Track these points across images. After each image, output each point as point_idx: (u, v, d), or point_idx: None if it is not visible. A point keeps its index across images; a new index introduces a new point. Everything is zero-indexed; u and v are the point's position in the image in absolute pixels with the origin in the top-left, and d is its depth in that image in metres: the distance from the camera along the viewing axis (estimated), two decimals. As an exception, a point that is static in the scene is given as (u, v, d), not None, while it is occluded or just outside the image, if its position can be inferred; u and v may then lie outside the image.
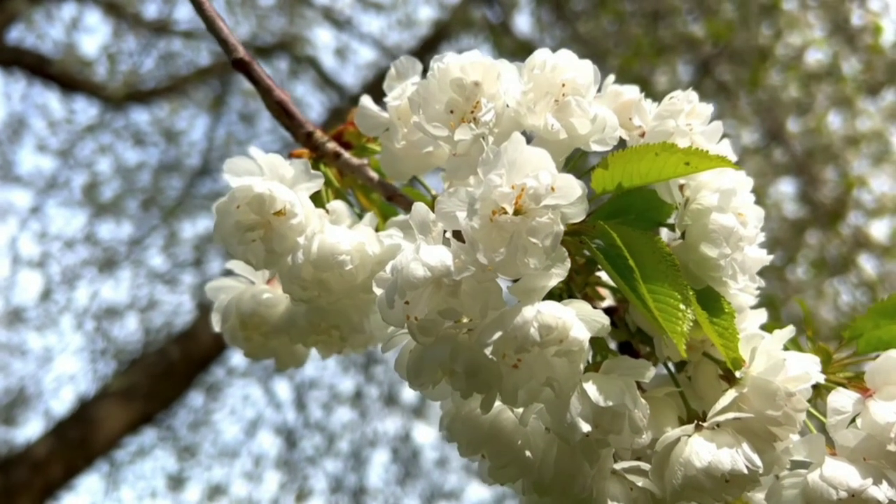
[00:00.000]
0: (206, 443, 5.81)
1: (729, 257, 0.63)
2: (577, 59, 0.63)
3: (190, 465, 5.70)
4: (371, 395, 5.87)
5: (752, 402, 0.61)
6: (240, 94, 6.07)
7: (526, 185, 0.54)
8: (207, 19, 0.77)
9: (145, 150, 5.89)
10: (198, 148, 5.95)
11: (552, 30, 5.13)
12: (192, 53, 5.70)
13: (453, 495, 5.78)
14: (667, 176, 0.61)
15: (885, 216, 4.84)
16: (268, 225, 0.64)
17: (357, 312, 0.70)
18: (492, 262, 0.53)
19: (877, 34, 4.50)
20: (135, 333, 5.70)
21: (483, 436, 0.61)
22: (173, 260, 5.89)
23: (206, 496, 5.61)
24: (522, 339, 0.54)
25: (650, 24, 4.62)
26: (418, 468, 5.81)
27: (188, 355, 4.86)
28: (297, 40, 5.86)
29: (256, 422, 5.85)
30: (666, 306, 0.57)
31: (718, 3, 4.54)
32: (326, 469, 5.74)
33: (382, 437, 5.87)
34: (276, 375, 5.83)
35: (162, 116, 5.92)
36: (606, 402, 0.56)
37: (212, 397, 5.80)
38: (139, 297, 5.77)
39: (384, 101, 0.70)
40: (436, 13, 6.01)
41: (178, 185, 5.94)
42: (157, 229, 5.86)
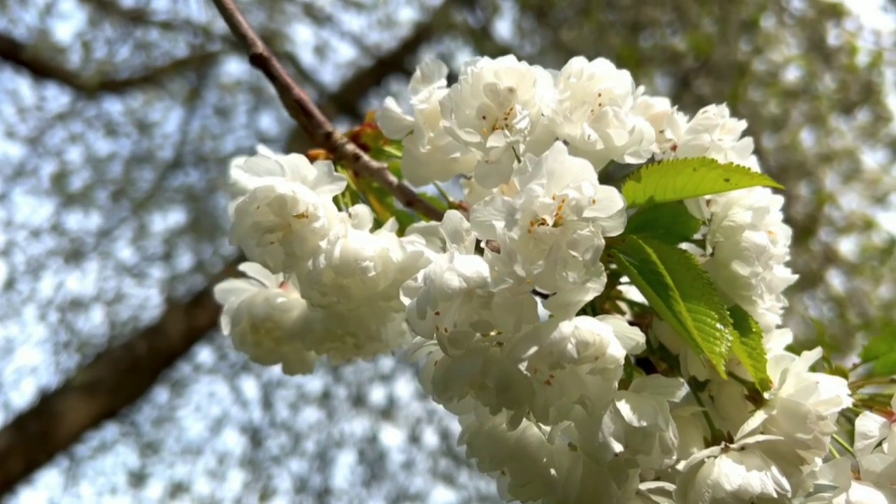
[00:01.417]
0: (170, 439, 5.73)
1: (760, 276, 0.62)
2: (614, 69, 0.61)
3: (152, 462, 5.62)
4: (339, 396, 5.84)
5: (780, 425, 0.60)
6: (216, 88, 6.00)
7: (568, 196, 0.52)
8: (226, 12, 0.74)
9: (117, 140, 5.79)
10: (171, 140, 5.86)
11: (532, 36, 5.14)
12: (169, 44, 5.62)
13: (419, 498, 5.76)
14: (703, 192, 0.60)
15: (853, 233, 4.91)
16: (287, 227, 0.62)
17: (375, 320, 0.68)
18: (530, 274, 0.52)
19: (853, 54, 4.56)
20: (100, 326, 5.60)
21: (508, 452, 0.59)
22: (142, 253, 5.80)
23: (168, 494, 5.53)
24: (559, 355, 0.52)
25: (630, 34, 4.64)
26: (384, 470, 5.78)
27: (155, 350, 4.79)
28: (276, 36, 5.80)
29: (222, 420, 5.78)
30: (704, 325, 0.55)
31: (699, 17, 4.58)
32: (291, 469, 5.69)
33: (349, 438, 5.83)
34: (243, 373, 5.78)
35: (135, 107, 5.83)
36: (640, 422, 0.55)
37: (177, 393, 5.72)
38: (106, 289, 5.67)
39: (411, 103, 0.68)
40: (417, 15, 6.00)
41: (149, 178, 5.84)
42: (127, 221, 5.77)
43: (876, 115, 4.58)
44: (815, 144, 4.72)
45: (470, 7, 5.43)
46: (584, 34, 4.53)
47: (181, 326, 4.87)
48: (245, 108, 6.03)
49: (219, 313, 3.01)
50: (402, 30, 5.90)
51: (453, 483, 5.67)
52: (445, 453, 5.73)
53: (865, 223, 4.66)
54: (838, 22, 4.67)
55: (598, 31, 4.60)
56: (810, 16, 4.61)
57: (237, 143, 6.03)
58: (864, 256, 4.67)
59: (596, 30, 4.60)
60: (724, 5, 4.62)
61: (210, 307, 4.92)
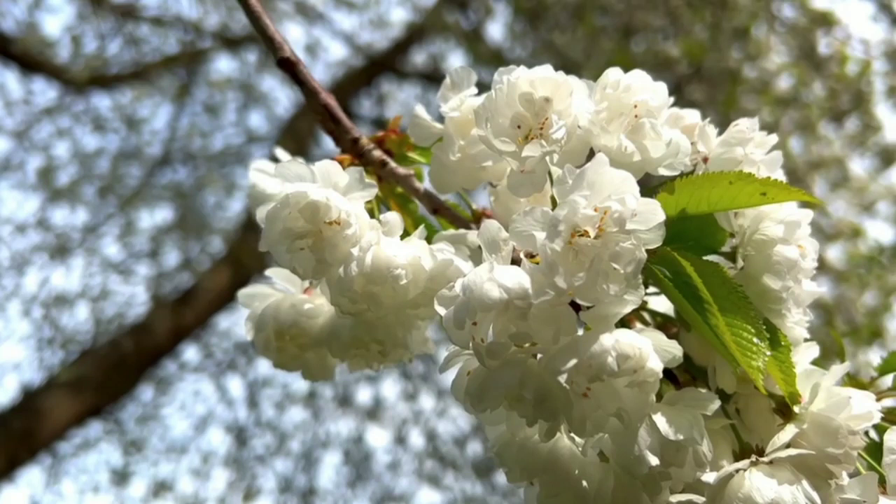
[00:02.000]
0: (154, 438, 5.69)
1: (790, 290, 0.62)
2: (650, 81, 0.61)
3: (136, 460, 5.58)
4: (325, 396, 5.82)
5: (811, 439, 0.60)
6: (205, 85, 5.97)
7: (610, 208, 0.52)
8: (252, 14, 0.73)
9: (105, 136, 5.74)
10: (159, 137, 5.83)
11: (524, 40, 5.14)
12: (159, 40, 5.58)
13: (403, 499, 5.75)
14: (739, 205, 0.60)
15: (840, 241, 4.94)
16: (318, 234, 0.61)
17: (402, 328, 0.68)
18: (571, 286, 0.52)
19: (843, 63, 4.60)
20: (84, 323, 5.56)
21: (540, 464, 0.59)
22: (129, 250, 5.76)
23: (151, 492, 5.50)
24: (598, 368, 0.52)
25: (622, 39, 4.66)
26: (369, 471, 5.77)
27: (141, 348, 4.76)
28: (267, 33, 5.78)
29: (207, 418, 5.75)
30: (741, 340, 0.56)
31: (691, 23, 4.60)
32: (276, 468, 5.67)
33: (335, 439, 5.82)
34: (228, 372, 5.75)
35: (124, 103, 5.79)
36: (677, 436, 0.55)
37: (161, 391, 5.68)
38: (91, 286, 5.63)
39: (442, 110, 0.68)
40: (409, 15, 6.00)
41: (137, 174, 5.81)
42: (114, 218, 5.73)
43: (865, 124, 4.62)
44: (803, 152, 4.76)
45: (462, 9, 5.43)
46: (577, 37, 4.54)
47: (168, 324, 4.83)
48: (234, 105, 6.01)
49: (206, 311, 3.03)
50: (394, 30, 5.89)
51: (438, 484, 5.67)
52: (431, 454, 5.73)
53: (853, 231, 4.70)
54: (828, 31, 4.70)
55: (591, 35, 4.62)
56: (802, 24, 4.64)
57: (226, 141, 6.01)
58: (851, 264, 4.71)
59: (589, 34, 4.61)
60: (716, 12, 4.64)
61: (197, 305, 4.90)
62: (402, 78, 5.93)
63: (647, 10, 4.83)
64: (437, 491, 5.67)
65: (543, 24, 4.85)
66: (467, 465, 5.65)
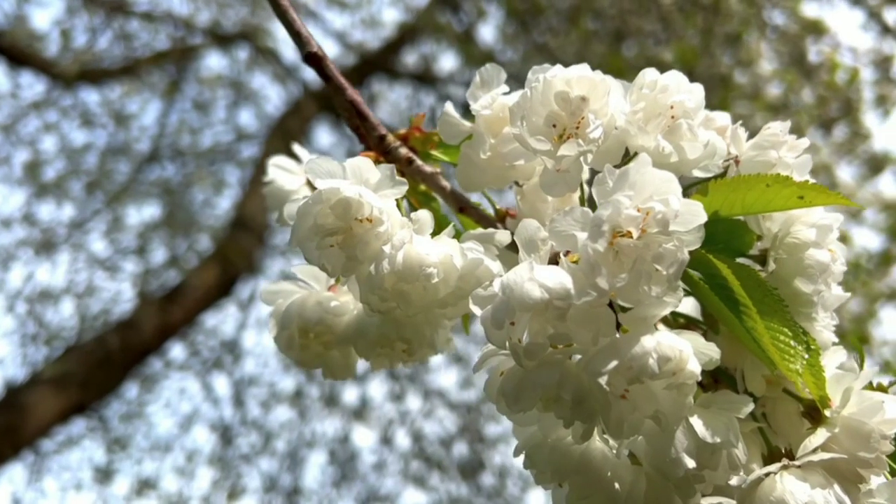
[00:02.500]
0: (138, 435, 5.65)
1: (821, 294, 0.62)
2: (687, 82, 0.61)
3: (119, 458, 5.54)
4: (311, 395, 5.80)
5: (842, 443, 0.60)
6: (195, 82, 5.94)
7: (654, 208, 0.51)
8: (279, 8, 0.73)
9: (93, 131, 5.70)
10: (148, 133, 5.79)
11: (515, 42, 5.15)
12: (149, 36, 5.55)
13: (389, 499, 5.74)
14: (775, 208, 0.60)
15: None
16: (348, 231, 0.61)
17: (429, 327, 0.67)
18: (613, 287, 0.51)
19: (833, 71, 4.63)
20: (69, 319, 5.51)
21: (573, 466, 0.58)
22: (115, 246, 5.72)
23: (135, 490, 5.46)
24: (639, 370, 0.52)
25: (613, 43, 4.67)
26: (355, 471, 5.75)
27: (127, 345, 4.72)
28: (258, 31, 5.76)
29: (192, 416, 5.72)
30: (779, 343, 0.55)
31: (684, 28, 4.62)
32: (261, 468, 5.64)
33: (321, 438, 5.80)
34: (214, 370, 5.72)
35: (113, 98, 5.75)
36: (714, 439, 0.55)
37: (146, 389, 5.64)
38: (77, 282, 5.58)
39: (473, 108, 0.67)
40: (401, 16, 5.99)
41: (125, 170, 5.77)
42: (101, 214, 5.68)
43: (853, 132, 4.65)
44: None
45: (454, 10, 5.43)
46: (570, 41, 4.55)
47: (154, 322, 4.80)
48: (224, 102, 5.98)
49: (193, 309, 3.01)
50: (386, 30, 5.89)
51: (424, 485, 5.66)
52: (417, 455, 5.72)
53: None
54: (817, 39, 4.74)
55: (583, 39, 4.63)
56: (792, 31, 4.67)
57: (215, 138, 5.98)
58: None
59: (581, 38, 4.62)
60: (708, 18, 4.66)
61: (184, 303, 4.87)
62: (393, 78, 5.92)
63: (639, 14, 4.84)
64: (422, 492, 5.67)
65: (536, 27, 4.86)
66: (453, 466, 5.65)
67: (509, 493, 5.57)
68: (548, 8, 4.86)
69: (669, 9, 4.75)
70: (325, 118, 5.68)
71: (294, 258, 5.89)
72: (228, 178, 5.88)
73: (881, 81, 4.80)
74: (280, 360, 5.88)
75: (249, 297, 5.73)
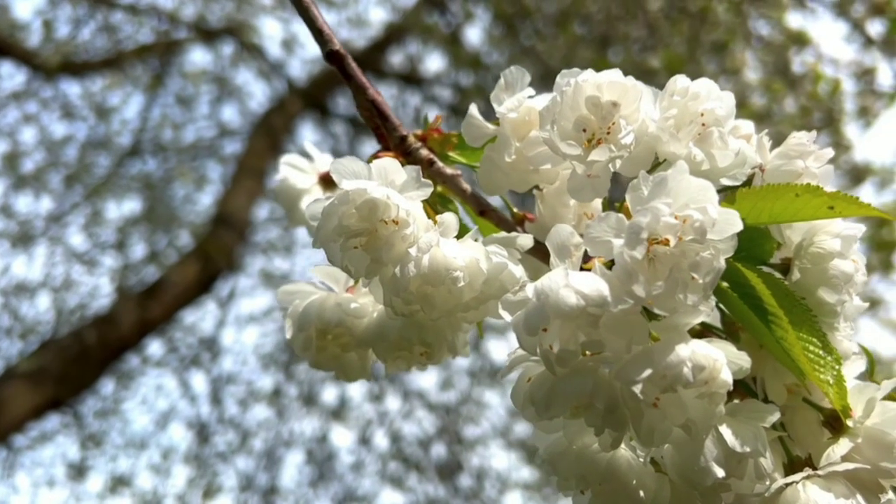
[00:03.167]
0: (113, 432, 5.59)
1: (844, 304, 0.62)
2: (718, 89, 0.61)
3: (93, 455, 5.47)
4: (290, 395, 5.77)
5: (865, 453, 0.60)
6: (179, 76, 5.89)
7: (691, 216, 0.51)
8: (301, 4, 0.72)
9: (73, 123, 5.63)
10: (130, 127, 5.73)
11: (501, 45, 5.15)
12: (133, 29, 5.49)
13: (366, 500, 5.72)
14: (803, 218, 0.60)
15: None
16: (373, 232, 0.60)
17: (451, 331, 0.66)
18: (650, 295, 0.51)
19: (816, 82, 4.68)
20: (46, 313, 5.44)
21: (600, 473, 0.58)
22: (94, 240, 5.65)
23: (108, 488, 5.39)
24: (673, 379, 0.51)
25: (600, 48, 4.69)
26: (332, 471, 5.72)
27: (105, 341, 4.67)
28: (243, 27, 5.72)
29: (168, 414, 5.66)
30: (810, 353, 0.55)
31: (670, 36, 4.64)
32: (238, 466, 5.60)
33: (298, 438, 5.77)
34: (192, 367, 5.67)
35: (94, 91, 5.68)
36: (744, 448, 0.55)
37: (123, 385, 5.58)
38: (54, 275, 5.51)
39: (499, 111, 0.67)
40: (388, 15, 5.97)
41: (105, 164, 5.70)
42: (79, 207, 5.62)
43: (835, 143, 4.70)
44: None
45: (441, 11, 5.43)
46: (557, 46, 4.56)
47: (133, 317, 4.75)
48: (208, 98, 5.94)
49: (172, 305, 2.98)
50: (373, 30, 5.87)
51: (401, 486, 5.65)
52: (395, 456, 5.71)
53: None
54: (800, 49, 4.78)
55: (571, 43, 4.64)
56: (777, 42, 4.71)
57: (198, 134, 5.93)
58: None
59: (568, 42, 4.64)
60: (695, 26, 4.69)
61: (163, 299, 4.82)
62: (378, 78, 5.90)
63: (626, 20, 4.86)
64: (399, 492, 5.65)
65: (523, 30, 4.86)
66: (431, 468, 5.64)
67: (486, 495, 5.58)
68: (535, 12, 4.87)
69: (656, 16, 4.78)
70: (310, 116, 5.66)
71: (275, 256, 5.87)
72: (210, 174, 5.83)
73: (863, 93, 4.86)
74: (259, 359, 5.85)
75: (229, 295, 5.69)
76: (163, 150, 5.78)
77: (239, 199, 5.36)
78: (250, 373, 5.83)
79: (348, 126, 5.66)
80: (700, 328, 0.71)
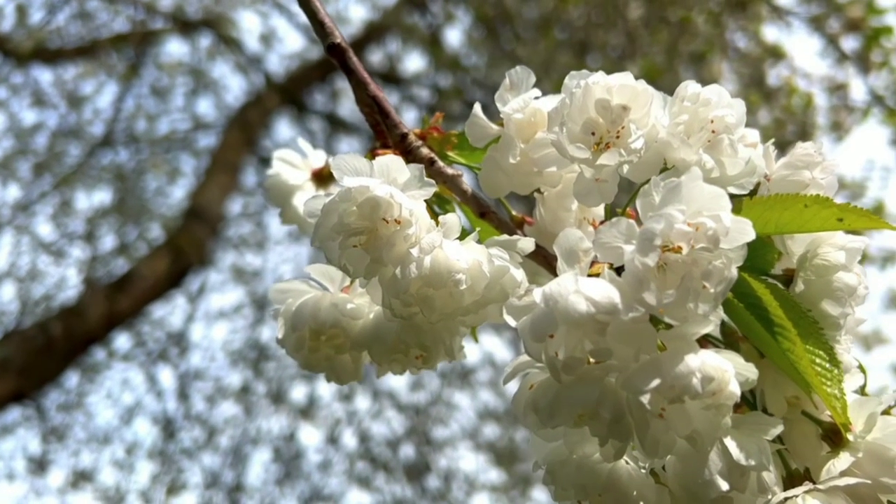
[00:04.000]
0: (77, 426, 5.50)
1: (847, 317, 0.62)
2: (728, 96, 0.60)
3: (55, 449, 5.38)
4: (258, 392, 5.72)
5: (865, 468, 0.59)
6: (154, 67, 5.81)
7: (705, 224, 0.50)
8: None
9: (44, 111, 5.53)
10: (102, 116, 5.64)
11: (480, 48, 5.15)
12: (109, 17, 5.41)
13: (332, 499, 5.69)
14: (811, 229, 0.59)
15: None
16: (374, 231, 0.58)
17: (449, 334, 0.65)
18: (660, 303, 0.50)
19: (791, 95, 4.73)
20: (10, 303, 5.34)
21: (601, 484, 0.57)
22: (62, 230, 5.56)
23: (70, 482, 5.30)
24: (682, 389, 0.50)
25: (579, 55, 4.70)
26: (299, 470, 5.68)
27: (70, 333, 4.59)
28: (221, 19, 5.66)
29: (134, 409, 5.58)
30: (817, 366, 0.55)
31: (650, 45, 4.67)
32: (203, 463, 5.53)
33: (266, 436, 5.71)
34: (159, 362, 5.60)
35: (67, 78, 5.58)
36: (749, 461, 0.54)
37: (88, 378, 5.49)
38: (19, 265, 5.41)
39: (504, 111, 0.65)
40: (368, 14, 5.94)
41: (76, 153, 5.61)
42: (48, 196, 5.52)
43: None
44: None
45: (421, 11, 5.41)
46: (538, 50, 4.56)
47: (100, 310, 4.67)
48: (183, 90, 5.87)
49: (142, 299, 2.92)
50: (353, 27, 5.83)
51: (369, 486, 5.62)
52: (363, 456, 5.68)
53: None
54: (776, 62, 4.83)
55: (551, 49, 4.65)
56: (754, 54, 4.76)
57: (172, 126, 5.86)
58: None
59: (548, 48, 4.64)
60: (673, 35, 4.72)
61: (132, 292, 4.75)
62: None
63: (606, 28, 4.88)
64: (366, 492, 5.62)
65: (503, 34, 4.86)
66: (399, 468, 5.62)
67: (454, 496, 5.57)
68: (516, 16, 4.87)
69: (636, 24, 4.80)
70: (287, 112, 5.61)
71: (247, 252, 5.81)
72: (183, 166, 5.76)
73: (836, 108, 4.92)
74: (228, 355, 5.79)
75: (199, 289, 5.63)
76: (136, 141, 5.70)
77: (212, 193, 5.30)
78: (218, 369, 5.77)
79: (325, 123, 5.63)
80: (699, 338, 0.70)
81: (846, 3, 4.33)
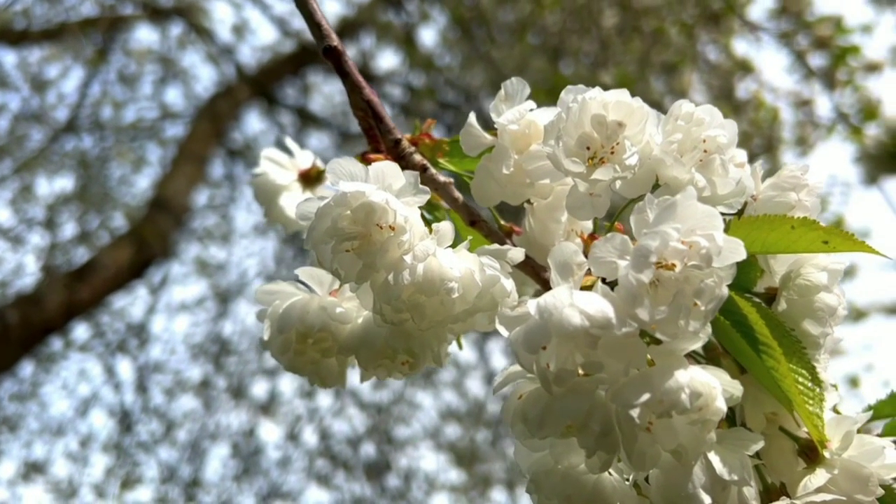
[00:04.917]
0: (30, 417, 5.39)
1: (827, 336, 0.63)
2: (721, 116, 0.61)
3: (7, 439, 5.27)
4: (218, 386, 5.66)
5: (840, 485, 0.61)
6: (123, 53, 5.73)
7: (698, 243, 0.51)
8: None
9: (6, 93, 5.42)
10: (67, 101, 5.54)
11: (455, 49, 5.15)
12: (77, 0, 5.32)
13: (290, 497, 5.65)
14: (797, 251, 0.61)
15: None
16: (367, 237, 0.58)
17: (437, 341, 0.65)
18: (653, 319, 0.51)
19: (759, 108, 4.81)
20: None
21: (585, 495, 0.58)
22: (21, 216, 5.45)
23: (21, 474, 5.20)
24: (671, 404, 0.51)
25: (552, 60, 4.73)
26: (257, 466, 5.63)
27: (27, 321, 4.50)
28: (193, 8, 5.60)
29: (90, 400, 5.49)
30: (800, 385, 0.56)
31: (622, 53, 4.71)
32: (160, 457, 5.46)
33: (225, 431, 5.66)
34: (118, 353, 5.52)
35: (31, 61, 5.48)
36: (731, 476, 0.55)
37: (43, 368, 5.39)
38: (-26, 250, 5.30)
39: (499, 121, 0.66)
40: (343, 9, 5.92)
41: (38, 138, 5.51)
42: (8, 181, 5.41)
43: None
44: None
45: (397, 10, 5.40)
46: (513, 54, 4.58)
47: (59, 299, 4.59)
48: (152, 78, 5.79)
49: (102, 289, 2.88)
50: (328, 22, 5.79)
51: (328, 484, 5.60)
52: (323, 453, 5.65)
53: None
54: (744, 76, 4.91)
55: (525, 53, 4.67)
56: (725, 66, 4.82)
57: (139, 114, 5.78)
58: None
59: (523, 52, 4.66)
60: (646, 45, 4.77)
61: (93, 282, 4.67)
62: (329, 70, 5.82)
63: (580, 34, 4.91)
64: (325, 490, 5.60)
65: (478, 36, 4.87)
66: (359, 467, 5.60)
67: (413, 495, 5.57)
68: (492, 19, 4.88)
69: (610, 32, 4.84)
70: (257, 104, 5.57)
71: (212, 245, 5.75)
72: (149, 156, 5.69)
73: (802, 123, 5.01)
74: (188, 349, 5.73)
75: (161, 281, 5.56)
76: (101, 128, 5.61)
77: (178, 183, 5.24)
78: (178, 362, 5.70)
79: (295, 117, 5.59)
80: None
81: (815, 21, 4.41)
